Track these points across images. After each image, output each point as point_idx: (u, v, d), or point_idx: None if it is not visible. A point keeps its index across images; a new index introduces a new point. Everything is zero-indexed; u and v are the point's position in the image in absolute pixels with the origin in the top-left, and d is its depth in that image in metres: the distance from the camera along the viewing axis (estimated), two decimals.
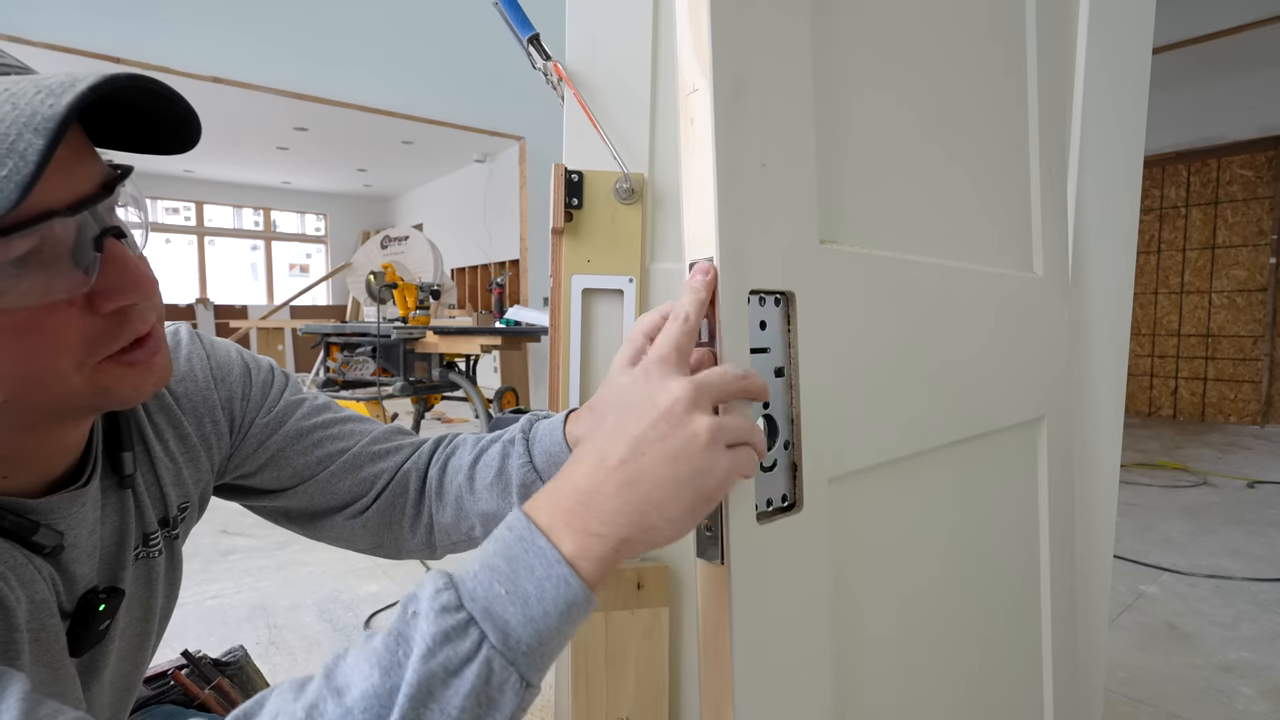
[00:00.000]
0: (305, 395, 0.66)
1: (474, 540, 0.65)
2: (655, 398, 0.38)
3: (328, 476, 0.63)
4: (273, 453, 0.62)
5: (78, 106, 0.34)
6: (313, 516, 0.65)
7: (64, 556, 0.47)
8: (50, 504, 0.46)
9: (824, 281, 0.50)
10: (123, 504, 0.53)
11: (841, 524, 0.53)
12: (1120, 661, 1.71)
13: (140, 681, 0.59)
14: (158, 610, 0.57)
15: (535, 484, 0.59)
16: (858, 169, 0.56)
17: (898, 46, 0.62)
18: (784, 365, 0.47)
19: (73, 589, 0.48)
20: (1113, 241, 0.99)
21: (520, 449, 0.60)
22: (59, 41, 3.63)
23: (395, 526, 0.66)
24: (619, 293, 0.85)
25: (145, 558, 0.55)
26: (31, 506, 0.45)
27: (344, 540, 0.66)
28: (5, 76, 0.37)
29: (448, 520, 0.64)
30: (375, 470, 0.64)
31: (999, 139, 0.78)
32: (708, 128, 0.42)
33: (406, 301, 3.64)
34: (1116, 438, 1.02)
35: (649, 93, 0.84)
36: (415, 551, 0.67)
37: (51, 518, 0.46)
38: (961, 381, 0.68)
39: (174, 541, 0.59)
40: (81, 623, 0.48)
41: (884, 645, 0.60)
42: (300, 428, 0.63)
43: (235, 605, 2.05)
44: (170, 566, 0.58)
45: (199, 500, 0.61)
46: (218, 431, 0.60)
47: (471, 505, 0.62)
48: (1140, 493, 3.26)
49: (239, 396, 0.61)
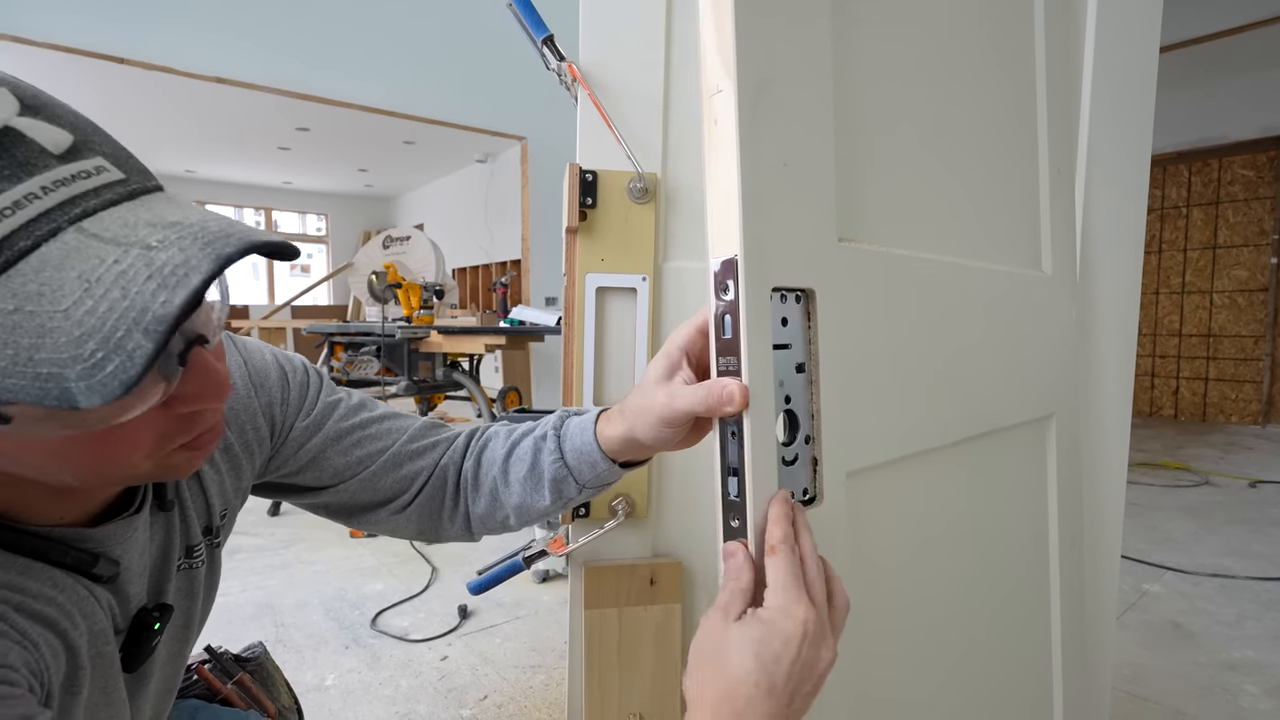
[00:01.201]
0: (341, 395, 0.67)
1: (508, 527, 0.67)
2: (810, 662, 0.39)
3: (369, 475, 0.64)
4: (313, 454, 0.63)
5: (191, 305, 0.32)
6: (354, 510, 0.67)
7: (119, 580, 0.48)
8: (106, 533, 0.46)
9: (842, 279, 0.51)
10: (168, 521, 0.54)
11: (858, 517, 0.54)
12: (1125, 659, 1.72)
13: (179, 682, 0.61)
14: (198, 615, 0.59)
15: (566, 480, 0.61)
16: (874, 168, 0.57)
17: (911, 47, 0.62)
18: (804, 361, 0.48)
19: (126, 610, 0.49)
20: (1120, 241, 1.00)
21: (552, 445, 0.62)
22: (62, 41, 3.63)
23: (435, 517, 0.68)
24: (632, 291, 0.85)
25: (188, 569, 0.56)
26: (89, 536, 0.45)
27: (387, 530, 0.68)
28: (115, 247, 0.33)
29: (482, 510, 0.66)
30: (415, 468, 0.66)
31: (1008, 138, 0.79)
32: (732, 128, 0.42)
33: (410, 301, 3.65)
34: (1124, 437, 1.03)
35: (662, 93, 0.85)
36: (455, 537, 0.69)
37: (107, 545, 0.46)
38: (973, 378, 0.69)
39: (215, 550, 0.60)
40: (135, 641, 0.49)
41: (898, 638, 0.60)
42: (339, 429, 0.64)
43: (241, 604, 2.06)
44: (210, 573, 0.60)
45: (238, 503, 0.62)
46: (259, 437, 0.60)
47: (506, 498, 0.64)
48: (1143, 492, 3.27)
49: (278, 401, 0.62)
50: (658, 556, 0.89)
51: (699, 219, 0.88)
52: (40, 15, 3.57)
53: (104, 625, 0.45)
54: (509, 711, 1.52)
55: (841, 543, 0.51)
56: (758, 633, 0.39)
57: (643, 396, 0.54)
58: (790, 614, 0.39)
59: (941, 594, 0.66)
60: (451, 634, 1.87)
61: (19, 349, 0.30)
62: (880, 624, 0.57)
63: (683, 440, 0.55)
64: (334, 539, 2.58)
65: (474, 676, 1.66)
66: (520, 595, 2.10)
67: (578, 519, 0.87)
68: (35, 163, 0.33)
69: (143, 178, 0.38)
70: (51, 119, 0.34)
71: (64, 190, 0.33)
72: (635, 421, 0.55)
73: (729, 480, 0.44)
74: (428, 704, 1.54)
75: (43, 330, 0.31)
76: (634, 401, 0.55)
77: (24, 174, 0.32)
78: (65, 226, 0.33)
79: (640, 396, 0.54)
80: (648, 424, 0.53)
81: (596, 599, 0.85)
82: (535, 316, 3.37)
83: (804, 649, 0.38)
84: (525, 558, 0.89)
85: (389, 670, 1.68)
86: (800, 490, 0.48)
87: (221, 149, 7.35)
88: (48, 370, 0.31)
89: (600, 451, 0.59)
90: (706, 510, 0.89)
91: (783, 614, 0.39)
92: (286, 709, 0.83)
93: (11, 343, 0.30)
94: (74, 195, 0.33)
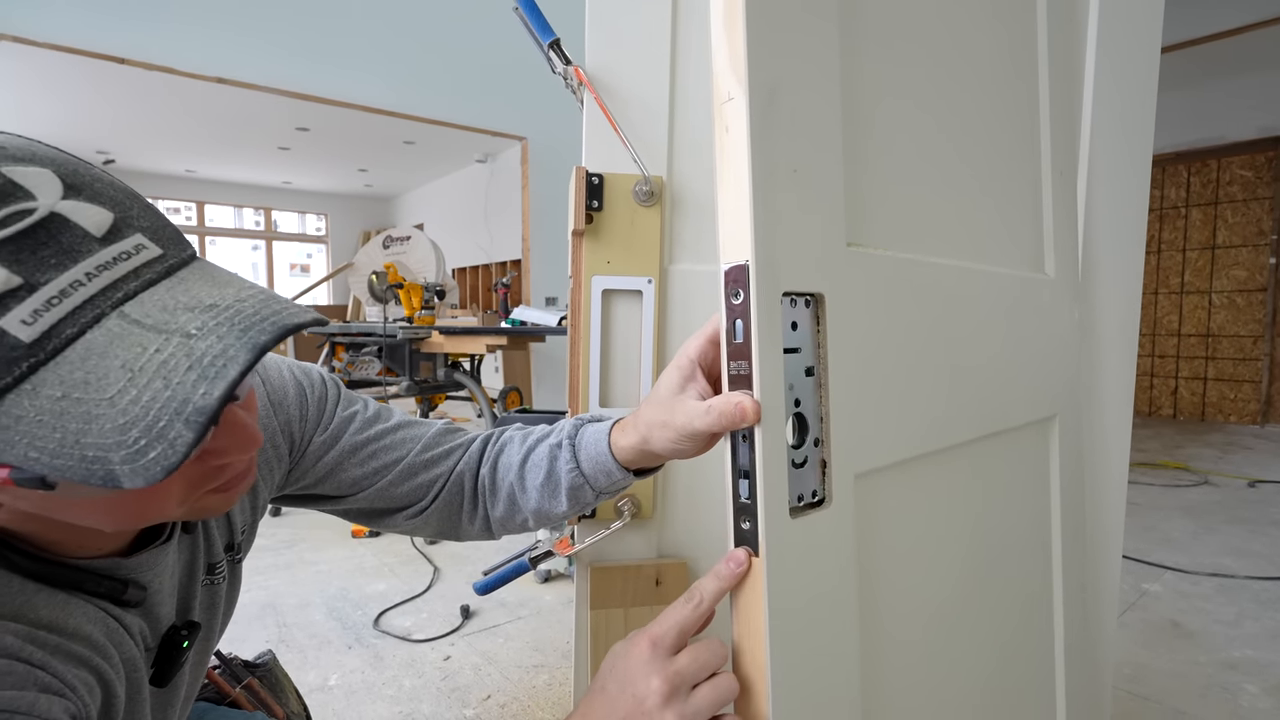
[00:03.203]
0: (358, 406, 0.68)
1: (527, 527, 0.69)
2: (637, 688, 0.44)
3: (385, 484, 0.66)
4: (330, 467, 0.65)
5: (229, 396, 0.34)
6: (373, 515, 0.69)
7: (148, 603, 0.50)
8: (139, 562, 0.48)
9: (851, 283, 0.51)
10: (193, 542, 0.56)
11: (866, 519, 0.54)
12: (1126, 658, 1.73)
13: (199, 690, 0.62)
14: (219, 627, 0.60)
15: (583, 488, 0.63)
16: (881, 173, 0.58)
17: (916, 54, 0.63)
18: (814, 365, 0.49)
19: (156, 630, 0.51)
20: (1121, 242, 1.01)
21: (568, 454, 0.63)
22: (62, 41, 3.63)
23: (454, 518, 0.69)
24: (638, 293, 0.86)
25: (210, 585, 0.58)
26: (123, 565, 0.47)
27: (407, 532, 0.70)
28: (156, 334, 0.34)
29: (501, 513, 0.68)
30: (430, 476, 0.67)
31: (1012, 142, 0.79)
32: (743, 135, 0.43)
33: (412, 301, 3.65)
34: (1125, 437, 1.03)
35: (667, 96, 0.86)
36: (476, 536, 0.71)
37: (138, 573, 0.48)
38: (978, 380, 0.69)
39: (237, 565, 0.62)
40: (165, 658, 0.51)
41: (904, 638, 0.61)
42: (355, 442, 0.66)
43: (245, 604, 2.06)
44: (231, 587, 0.62)
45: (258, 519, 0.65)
46: (278, 455, 0.62)
47: (524, 502, 0.66)
48: (1142, 492, 3.28)
49: (296, 419, 0.63)
50: (663, 557, 0.89)
51: (704, 222, 0.88)
52: (40, 15, 3.57)
53: (134, 653, 0.47)
54: (512, 711, 1.52)
55: (849, 543, 0.51)
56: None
57: (658, 410, 0.55)
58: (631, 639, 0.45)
59: (946, 593, 0.67)
60: (454, 634, 1.87)
61: (66, 433, 0.32)
62: (886, 623, 0.58)
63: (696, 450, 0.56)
64: (335, 539, 2.59)
65: (477, 676, 1.66)
66: (523, 595, 2.11)
67: (584, 520, 0.88)
68: (79, 248, 0.34)
69: (178, 249, 0.39)
70: (93, 198, 0.36)
71: (107, 275, 0.34)
72: (650, 435, 0.56)
73: (740, 483, 0.45)
74: (431, 704, 1.54)
75: (89, 417, 0.32)
76: (649, 414, 0.56)
77: (69, 261, 0.33)
78: (109, 312, 0.34)
79: (655, 410, 0.55)
80: (665, 439, 0.55)
81: (602, 599, 0.86)
82: (537, 317, 3.38)
83: (629, 663, 0.45)
84: (531, 558, 0.90)
85: (392, 670, 1.69)
86: (809, 492, 0.48)
87: (221, 149, 7.35)
88: (94, 454, 0.32)
89: (615, 461, 0.60)
90: (712, 511, 0.90)
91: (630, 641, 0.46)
92: (295, 714, 0.84)
93: (59, 427, 0.32)
94: (116, 279, 0.35)
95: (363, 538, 2.61)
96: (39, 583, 0.42)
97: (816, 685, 0.48)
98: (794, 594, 0.46)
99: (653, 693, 0.43)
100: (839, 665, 0.50)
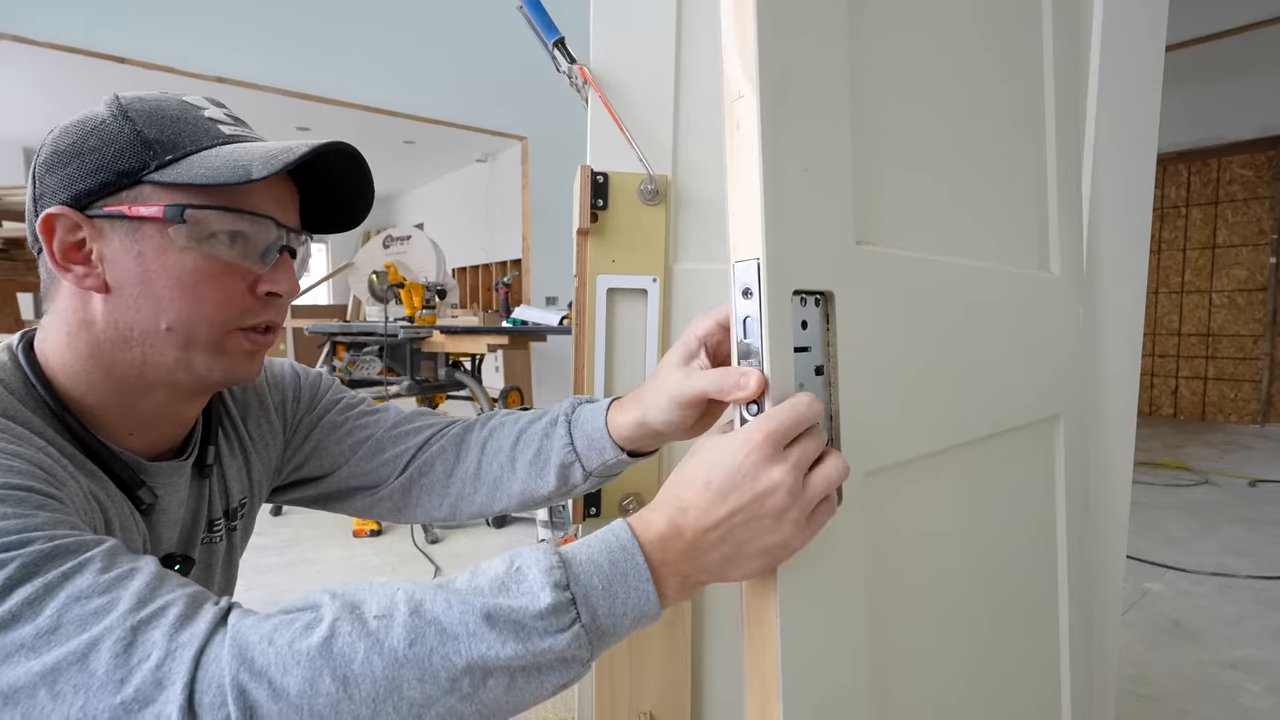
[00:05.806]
0: (344, 395, 0.75)
1: (494, 514, 0.72)
2: (757, 482, 0.41)
3: (358, 460, 0.71)
4: (316, 443, 0.71)
5: (316, 154, 0.51)
6: (345, 495, 0.73)
7: (154, 518, 0.56)
8: (158, 468, 0.56)
9: (860, 282, 0.51)
10: (201, 490, 0.62)
11: (875, 516, 0.54)
12: (1128, 658, 1.73)
13: None
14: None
15: (574, 465, 0.63)
16: (889, 171, 0.58)
17: (924, 53, 0.63)
18: (823, 363, 0.49)
19: (156, 550, 0.56)
20: (1126, 241, 1.01)
21: (563, 430, 0.64)
22: (64, 42, 3.63)
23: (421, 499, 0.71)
24: (643, 292, 0.86)
25: (209, 542, 0.63)
26: (144, 466, 0.55)
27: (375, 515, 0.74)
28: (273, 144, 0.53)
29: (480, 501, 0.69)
30: (397, 451, 0.71)
31: (1018, 141, 0.79)
32: (754, 133, 0.43)
33: (413, 301, 3.65)
34: (1129, 436, 1.03)
35: (673, 94, 0.85)
36: (438, 522, 0.74)
37: (154, 479, 0.56)
38: (985, 379, 0.69)
39: (234, 534, 0.66)
40: None
41: (912, 633, 0.61)
42: (335, 420, 0.72)
43: (246, 603, 2.05)
44: (228, 558, 0.66)
45: (256, 497, 0.68)
46: (272, 431, 0.69)
47: (510, 485, 0.67)
48: (1143, 491, 3.28)
49: (290, 399, 0.71)
50: None
51: (710, 220, 0.88)
52: (40, 15, 3.56)
53: (137, 545, 0.53)
54: None
55: (859, 541, 0.51)
56: (713, 441, 0.44)
57: (656, 380, 0.57)
58: (745, 432, 0.42)
59: (954, 591, 0.67)
60: None
61: (226, 159, 0.50)
62: (894, 618, 0.58)
63: (694, 427, 0.57)
64: (336, 539, 2.59)
65: None
66: None
67: (588, 518, 0.88)
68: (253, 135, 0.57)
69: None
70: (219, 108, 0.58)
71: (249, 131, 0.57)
72: (648, 404, 0.57)
73: None
74: None
75: (242, 150, 0.51)
76: (648, 387, 0.58)
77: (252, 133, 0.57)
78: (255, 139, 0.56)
79: (654, 381, 0.57)
80: (660, 405, 0.56)
81: None
82: (538, 316, 3.38)
83: (744, 460, 0.41)
84: None
85: None
86: None
87: None
88: (243, 164, 0.49)
89: (610, 439, 0.61)
90: None
91: (740, 432, 0.43)
92: None
93: (227, 156, 0.50)
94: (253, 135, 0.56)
95: (364, 537, 2.60)
96: (80, 447, 0.51)
97: (828, 681, 0.48)
98: (805, 590, 0.46)
99: (777, 483, 0.41)
100: (849, 661, 0.51)
